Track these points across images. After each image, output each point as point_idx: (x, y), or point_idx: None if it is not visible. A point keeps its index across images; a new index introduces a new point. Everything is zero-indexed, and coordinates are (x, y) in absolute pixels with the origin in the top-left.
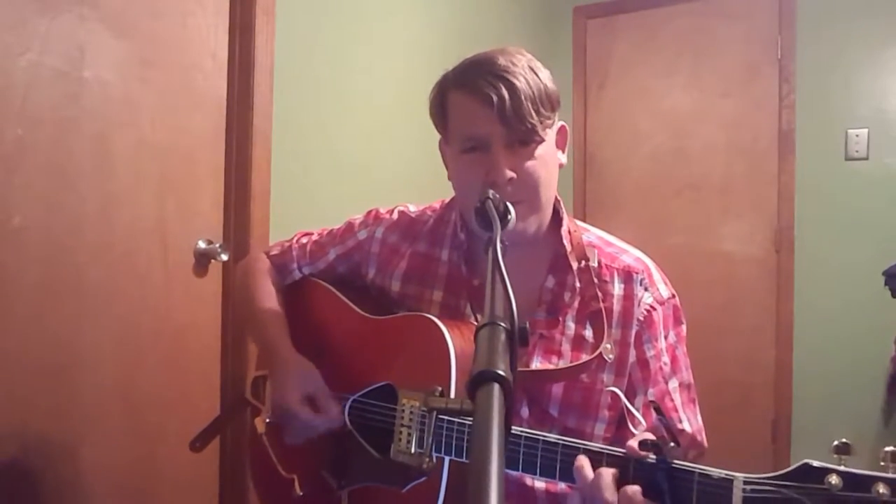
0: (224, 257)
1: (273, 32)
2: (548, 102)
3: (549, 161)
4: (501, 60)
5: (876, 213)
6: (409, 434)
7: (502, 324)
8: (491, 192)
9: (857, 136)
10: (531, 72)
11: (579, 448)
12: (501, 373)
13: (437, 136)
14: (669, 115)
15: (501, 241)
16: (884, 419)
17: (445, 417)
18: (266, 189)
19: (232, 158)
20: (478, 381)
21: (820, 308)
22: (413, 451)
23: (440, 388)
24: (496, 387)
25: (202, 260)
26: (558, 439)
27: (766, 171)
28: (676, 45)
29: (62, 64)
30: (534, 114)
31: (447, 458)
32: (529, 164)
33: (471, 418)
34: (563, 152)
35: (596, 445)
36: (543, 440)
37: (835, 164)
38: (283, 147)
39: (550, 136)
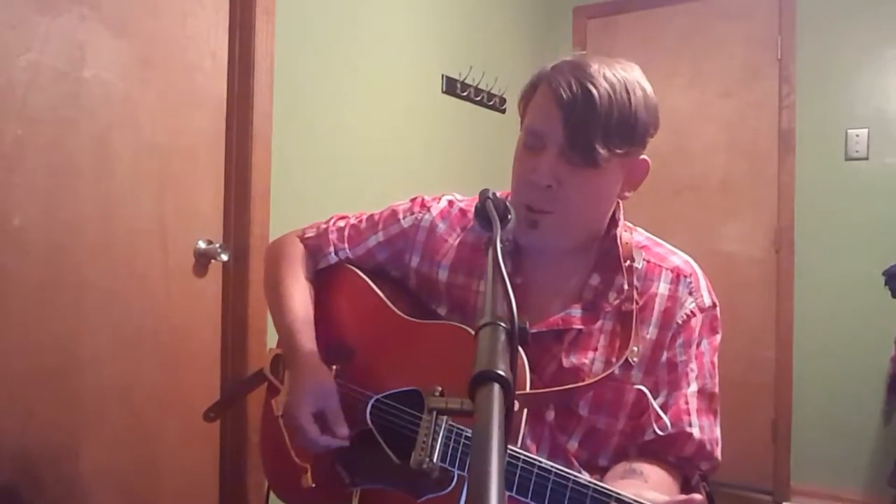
0: (224, 257)
1: (273, 32)
2: (626, 131)
3: (601, 191)
4: (595, 67)
5: (876, 213)
6: (433, 446)
7: (502, 324)
8: (491, 192)
9: (857, 136)
10: (625, 91)
11: (611, 496)
12: (502, 373)
13: (437, 136)
14: (669, 115)
15: (502, 241)
16: (884, 419)
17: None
18: (266, 189)
19: (232, 158)
20: (478, 382)
21: (820, 308)
22: (434, 463)
23: (440, 388)
24: (496, 387)
25: (202, 260)
26: (589, 482)
27: (766, 171)
28: (676, 45)
29: (62, 64)
30: (600, 135)
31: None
32: (575, 183)
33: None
34: (633, 190)
35: (628, 496)
36: (574, 480)
37: (835, 164)
38: (283, 147)
39: (616, 166)
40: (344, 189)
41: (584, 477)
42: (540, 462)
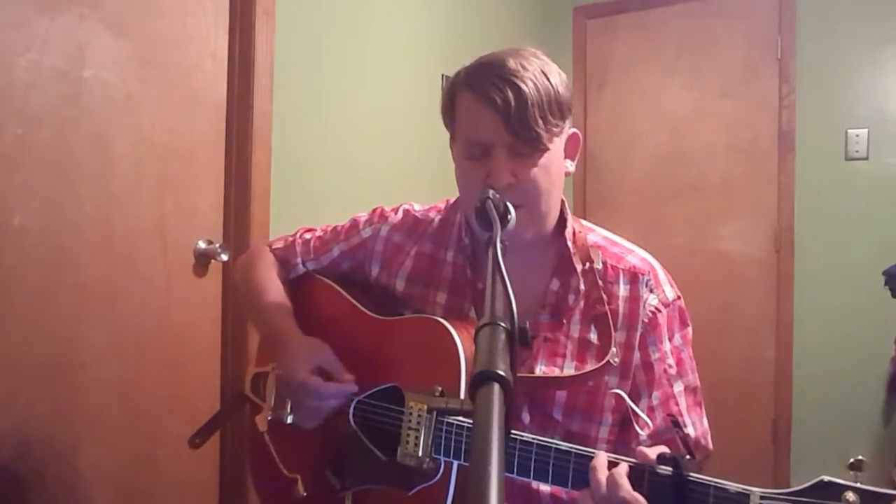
0: (224, 257)
1: (273, 32)
2: (557, 110)
3: (552, 170)
4: (512, 63)
5: (876, 213)
6: (417, 437)
7: (502, 324)
8: (491, 192)
9: (857, 136)
10: (542, 76)
11: (592, 457)
12: (501, 373)
13: (436, 136)
14: (669, 115)
15: (501, 241)
16: (884, 419)
17: (455, 423)
18: (266, 189)
19: (232, 158)
20: (478, 382)
21: (820, 308)
22: (420, 454)
23: (440, 389)
24: (496, 387)
25: (202, 260)
26: (570, 447)
27: (766, 171)
28: (676, 45)
29: (62, 64)
30: (540, 121)
31: (455, 463)
32: (532, 171)
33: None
34: (573, 161)
35: (611, 455)
36: (556, 448)
37: (835, 164)
38: (283, 147)
39: (558, 143)
40: (344, 189)
41: (565, 444)
42: (521, 436)
